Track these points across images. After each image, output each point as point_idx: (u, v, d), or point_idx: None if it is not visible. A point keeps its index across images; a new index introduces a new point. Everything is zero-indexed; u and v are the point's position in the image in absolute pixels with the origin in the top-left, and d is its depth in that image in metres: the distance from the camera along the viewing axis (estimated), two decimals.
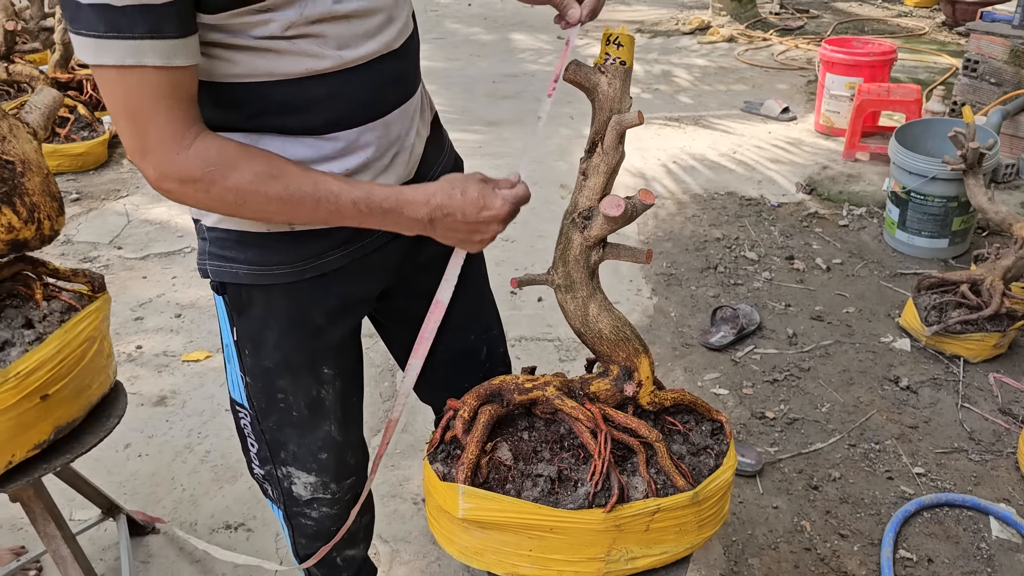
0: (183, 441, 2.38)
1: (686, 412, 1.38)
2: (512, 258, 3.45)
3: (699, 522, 1.25)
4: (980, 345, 2.69)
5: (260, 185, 1.03)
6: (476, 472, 1.19)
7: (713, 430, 1.36)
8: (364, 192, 1.09)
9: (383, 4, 1.13)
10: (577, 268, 1.27)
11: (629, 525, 1.17)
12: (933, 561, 2.01)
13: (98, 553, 2.01)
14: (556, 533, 1.15)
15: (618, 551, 1.18)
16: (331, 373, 1.32)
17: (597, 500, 1.16)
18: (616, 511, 1.15)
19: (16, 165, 1.37)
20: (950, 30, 6.99)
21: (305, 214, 1.08)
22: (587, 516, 1.15)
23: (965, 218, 3.33)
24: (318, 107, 1.10)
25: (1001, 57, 4.16)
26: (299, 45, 1.04)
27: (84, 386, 1.50)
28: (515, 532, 1.16)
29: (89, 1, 0.89)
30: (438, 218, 1.13)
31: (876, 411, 2.53)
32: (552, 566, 1.18)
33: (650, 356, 1.33)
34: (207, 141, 1.01)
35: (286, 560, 1.99)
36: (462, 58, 6.63)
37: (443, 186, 1.14)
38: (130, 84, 0.95)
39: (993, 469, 2.31)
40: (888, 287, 3.22)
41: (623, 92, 1.17)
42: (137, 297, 3.11)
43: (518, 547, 1.17)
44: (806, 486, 2.25)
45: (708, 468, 1.27)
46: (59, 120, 4.23)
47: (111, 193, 4.05)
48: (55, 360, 1.42)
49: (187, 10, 0.94)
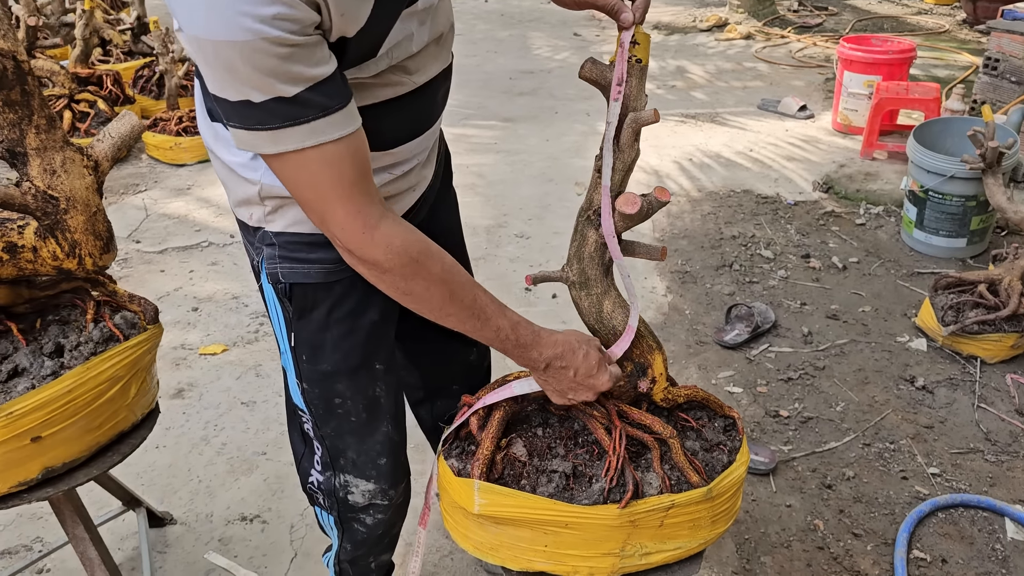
0: (200, 433, 2.40)
1: (699, 408, 1.39)
2: (527, 255, 3.46)
3: (712, 517, 1.25)
4: (997, 346, 2.68)
5: (430, 288, 1.08)
6: (491, 468, 1.20)
7: (726, 426, 1.36)
8: (510, 324, 1.16)
9: (442, 27, 1.20)
10: (592, 265, 1.27)
11: (643, 521, 1.18)
12: (947, 561, 2.00)
13: (116, 543, 2.03)
14: (571, 529, 1.16)
15: (632, 546, 1.19)
16: (382, 369, 1.35)
17: (612, 496, 1.17)
18: (631, 507, 1.16)
19: (60, 202, 1.32)
20: (971, 28, 6.92)
21: (455, 320, 1.13)
22: (602, 512, 1.15)
23: (984, 217, 3.30)
24: (389, 127, 1.15)
25: (1022, 55, 4.12)
26: (384, 78, 1.10)
27: (91, 428, 1.44)
28: (530, 528, 1.17)
29: (261, 99, 0.90)
30: (555, 366, 1.19)
31: (891, 411, 2.52)
32: (567, 561, 1.19)
33: (664, 353, 1.34)
34: (392, 229, 1.04)
35: (300, 552, 2.01)
36: (479, 54, 6.63)
37: (571, 342, 1.20)
38: (312, 164, 0.97)
39: (1009, 470, 2.29)
40: (905, 286, 3.20)
41: (639, 90, 1.17)
42: (155, 291, 3.14)
43: (533, 542, 1.18)
44: (820, 485, 2.24)
45: (721, 464, 1.28)
46: (79, 115, 4.27)
47: (130, 187, 4.08)
48: (60, 402, 1.36)
49: (342, 75, 0.98)
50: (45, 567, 1.97)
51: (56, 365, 1.41)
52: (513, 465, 1.22)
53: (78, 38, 4.48)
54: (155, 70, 4.90)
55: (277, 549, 2.02)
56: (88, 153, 1.37)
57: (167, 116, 4.37)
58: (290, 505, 2.15)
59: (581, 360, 1.19)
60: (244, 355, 2.76)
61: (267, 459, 2.31)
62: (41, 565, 1.97)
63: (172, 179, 4.19)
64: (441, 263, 1.09)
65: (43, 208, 1.32)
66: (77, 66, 4.51)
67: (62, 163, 1.31)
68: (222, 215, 3.78)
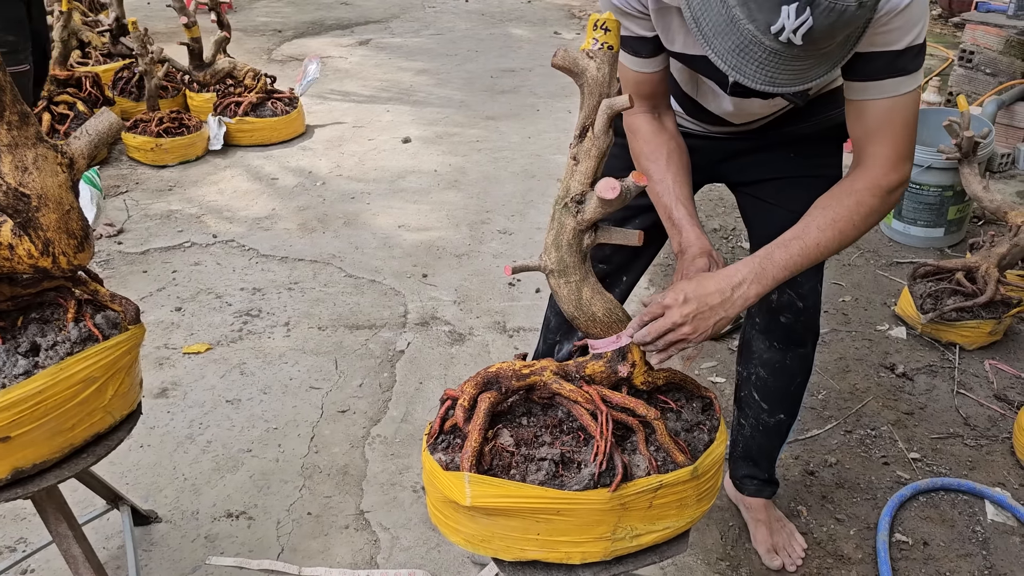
0: (184, 432, 2.40)
1: (676, 390, 1.41)
2: (510, 251, 3.47)
3: (698, 495, 1.27)
4: (975, 332, 2.71)
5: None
6: (480, 460, 1.21)
7: (703, 406, 1.38)
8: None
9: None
10: (570, 253, 1.28)
11: (633, 503, 1.19)
12: (929, 544, 2.03)
13: (101, 542, 2.02)
14: (563, 515, 1.16)
15: (623, 529, 1.20)
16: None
17: (602, 480, 1.18)
18: (621, 490, 1.17)
19: (32, 199, 1.30)
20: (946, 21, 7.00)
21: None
22: (593, 496, 1.16)
23: (961, 207, 3.35)
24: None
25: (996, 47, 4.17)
26: None
27: (64, 429, 1.41)
28: (522, 517, 1.17)
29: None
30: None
31: (872, 398, 2.55)
32: (559, 548, 1.20)
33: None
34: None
35: (287, 547, 2.01)
36: (460, 53, 6.64)
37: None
38: (916, 101, 1.34)
39: (988, 454, 2.32)
40: (884, 276, 3.24)
41: (611, 76, 1.18)
42: (138, 291, 3.13)
43: (525, 531, 1.18)
44: (803, 472, 2.27)
45: (703, 443, 1.30)
46: (59, 117, 4.25)
47: (111, 189, 4.06)
48: (31, 402, 1.33)
49: None
50: (29, 567, 1.96)
51: (30, 364, 1.38)
52: (501, 456, 1.23)
53: (56, 40, 4.44)
54: (135, 71, 4.87)
55: (264, 545, 2.02)
56: (63, 150, 1.35)
57: (148, 117, 4.35)
58: (276, 501, 2.15)
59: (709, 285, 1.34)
60: (228, 353, 2.76)
61: (252, 456, 2.31)
62: (25, 565, 1.96)
63: (154, 180, 4.18)
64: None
65: (14, 205, 1.31)
66: (56, 68, 4.47)
67: (34, 160, 1.30)
68: (205, 215, 3.78)
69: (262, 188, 4.10)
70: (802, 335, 1.80)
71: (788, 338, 1.78)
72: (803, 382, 1.88)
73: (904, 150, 1.35)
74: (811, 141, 1.67)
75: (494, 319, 2.97)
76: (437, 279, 3.25)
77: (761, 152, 1.71)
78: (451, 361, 2.74)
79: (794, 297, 1.73)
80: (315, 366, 2.70)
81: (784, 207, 1.65)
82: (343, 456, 2.31)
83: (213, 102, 4.67)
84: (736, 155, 1.73)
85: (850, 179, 1.39)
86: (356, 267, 3.33)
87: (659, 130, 1.55)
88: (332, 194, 3.99)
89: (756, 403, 1.90)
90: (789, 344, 1.80)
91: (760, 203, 1.75)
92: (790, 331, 1.76)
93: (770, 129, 1.68)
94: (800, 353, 1.82)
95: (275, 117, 4.58)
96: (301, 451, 2.33)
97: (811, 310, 1.75)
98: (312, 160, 4.44)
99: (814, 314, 1.78)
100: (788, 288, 1.70)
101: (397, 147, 4.62)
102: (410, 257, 3.42)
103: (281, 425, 2.43)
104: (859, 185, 1.37)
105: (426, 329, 2.91)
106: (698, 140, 1.70)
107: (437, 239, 3.56)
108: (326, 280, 3.23)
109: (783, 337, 1.78)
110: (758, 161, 1.72)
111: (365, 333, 2.89)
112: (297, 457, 2.31)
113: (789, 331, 1.76)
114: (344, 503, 2.15)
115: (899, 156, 1.35)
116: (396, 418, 2.46)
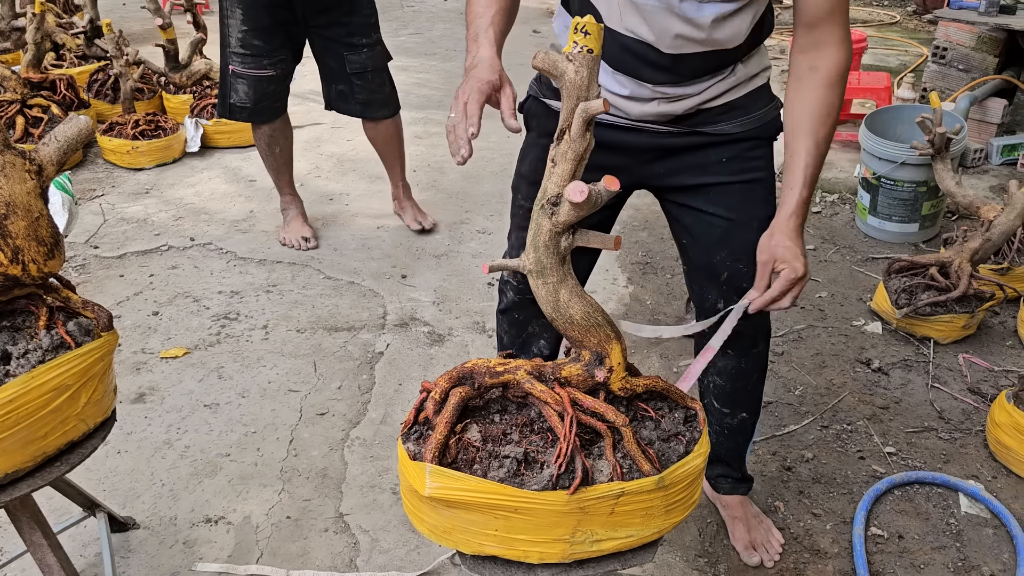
0: (162, 437, 2.38)
1: (660, 399, 1.39)
2: (488, 251, 3.47)
3: (666, 507, 1.25)
4: (949, 326, 2.74)
5: None
6: (445, 452, 1.21)
7: (687, 417, 1.36)
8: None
9: None
10: (547, 254, 1.28)
11: (594, 508, 1.19)
12: (904, 537, 2.06)
13: (78, 549, 2.01)
14: (521, 514, 1.17)
15: (583, 533, 1.20)
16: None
17: (561, 482, 1.18)
18: (580, 493, 1.17)
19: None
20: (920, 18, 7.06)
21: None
22: (551, 497, 1.16)
23: (935, 202, 3.38)
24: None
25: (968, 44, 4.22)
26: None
27: (36, 437, 1.39)
28: (481, 512, 1.17)
29: None
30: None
31: (848, 393, 2.57)
32: (517, 546, 1.20)
33: (622, 343, 1.33)
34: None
35: (266, 551, 2.01)
36: (439, 53, 6.63)
37: (473, 70, 1.50)
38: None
39: (962, 447, 2.35)
40: (860, 272, 3.27)
41: (590, 80, 1.18)
42: (114, 296, 3.11)
43: (484, 526, 1.19)
44: (780, 467, 2.28)
45: (677, 454, 1.28)
46: (33, 120, 4.21)
47: (87, 192, 4.03)
48: (1, 412, 1.31)
49: None
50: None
51: (1, 373, 1.37)
52: (467, 450, 1.23)
53: (29, 42, 4.39)
54: (110, 74, 4.83)
55: (242, 549, 2.02)
56: (31, 157, 1.34)
57: (123, 120, 4.31)
58: (255, 506, 2.14)
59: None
60: (206, 357, 2.75)
61: (231, 460, 2.30)
62: (1, 574, 1.95)
63: (130, 183, 4.14)
64: None
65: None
66: (29, 71, 4.43)
67: (1, 167, 1.29)
68: (182, 218, 3.75)
69: (240, 190, 4.08)
70: (754, 337, 1.82)
71: (741, 344, 1.78)
72: (760, 379, 1.91)
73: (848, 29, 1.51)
74: (743, 142, 1.65)
75: (473, 319, 2.97)
76: (416, 280, 3.25)
77: (693, 152, 1.67)
78: (430, 362, 2.74)
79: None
80: (294, 369, 2.69)
81: (721, 216, 1.67)
82: (322, 459, 2.31)
83: (190, 104, 4.64)
84: (667, 154, 1.67)
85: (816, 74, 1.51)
86: (335, 269, 3.32)
87: None
88: (310, 195, 3.98)
89: (717, 409, 1.93)
90: (743, 349, 1.81)
91: (694, 212, 1.71)
92: (742, 336, 1.72)
93: (703, 125, 1.64)
94: (754, 354, 1.84)
95: None
96: (280, 455, 2.32)
97: (761, 313, 1.71)
98: None
99: (765, 316, 1.80)
100: (737, 296, 1.67)
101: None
102: (389, 258, 3.41)
103: (259, 429, 2.42)
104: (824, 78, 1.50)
105: (405, 330, 2.91)
106: (628, 134, 1.65)
107: (416, 239, 3.56)
108: (304, 282, 3.22)
109: (736, 344, 1.74)
110: (690, 164, 1.67)
111: (344, 335, 2.88)
112: (276, 461, 2.30)
113: (741, 337, 1.71)
114: (323, 506, 2.15)
115: (847, 34, 1.50)
116: (375, 420, 2.46)
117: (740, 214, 1.66)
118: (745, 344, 1.81)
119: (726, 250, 1.69)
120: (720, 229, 1.68)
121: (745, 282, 1.63)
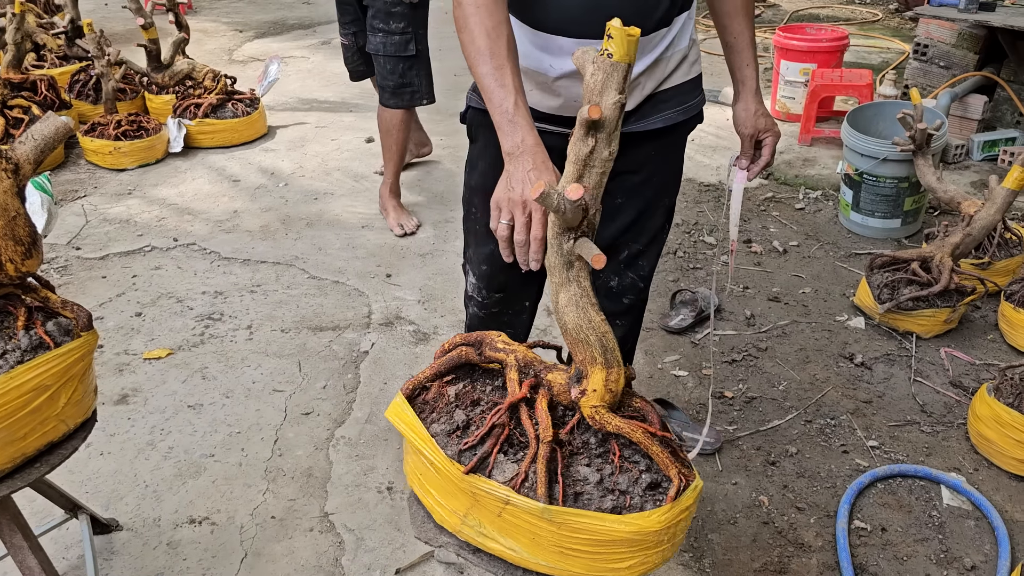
0: (145, 438, 2.37)
1: (640, 454, 1.24)
2: None
3: (559, 545, 1.17)
4: (931, 321, 2.76)
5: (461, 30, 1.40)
6: (420, 394, 1.33)
7: (651, 484, 1.20)
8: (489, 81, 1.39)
9: None
10: (552, 251, 1.27)
11: (484, 500, 1.20)
12: (887, 530, 2.07)
13: (61, 552, 2.00)
14: (433, 471, 1.25)
15: (473, 519, 1.23)
16: None
17: (462, 459, 1.23)
18: (471, 478, 1.20)
19: None
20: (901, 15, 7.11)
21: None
22: (450, 467, 1.22)
23: (916, 198, 3.40)
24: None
25: (949, 41, 4.25)
26: None
27: (15, 438, 1.38)
28: (414, 454, 1.29)
29: None
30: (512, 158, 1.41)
31: (832, 387, 2.59)
32: (431, 498, 1.29)
33: (609, 372, 1.23)
34: None
35: (250, 552, 2.00)
36: None
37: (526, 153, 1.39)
38: None
39: (944, 440, 2.37)
40: (843, 267, 3.29)
41: (604, 84, 1.15)
42: (97, 297, 3.09)
43: (416, 468, 1.30)
44: (764, 462, 2.30)
45: (597, 507, 1.16)
46: (13, 121, 4.17)
47: (69, 194, 4.00)
48: None
49: None
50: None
51: None
52: (438, 399, 1.32)
53: (9, 43, 4.36)
54: (91, 74, 4.80)
55: (227, 550, 2.01)
56: (7, 156, 1.33)
57: (105, 120, 4.28)
58: (239, 506, 2.14)
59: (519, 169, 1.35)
60: (190, 358, 2.73)
61: (215, 461, 2.29)
62: None
63: (112, 184, 4.12)
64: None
65: None
66: (9, 71, 4.40)
67: None
68: (165, 219, 3.73)
69: (223, 190, 4.06)
70: (639, 308, 1.98)
71: (629, 314, 1.95)
72: (637, 334, 2.09)
73: None
74: (668, 135, 1.71)
75: (459, 317, 2.97)
76: (401, 279, 3.24)
77: (626, 145, 1.61)
78: (416, 361, 2.73)
79: (636, 279, 1.87)
80: (278, 369, 2.68)
81: (632, 206, 1.76)
82: (307, 459, 2.30)
83: (172, 104, 4.61)
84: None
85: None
86: (319, 268, 3.32)
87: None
88: (295, 195, 3.97)
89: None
90: (629, 318, 1.98)
91: (606, 197, 1.66)
92: (631, 308, 1.93)
93: (637, 121, 1.64)
94: (633, 319, 2.00)
95: (236, 118, 4.54)
96: (264, 455, 2.31)
97: (647, 288, 1.92)
98: (274, 161, 4.41)
99: (648, 288, 1.94)
100: (631, 272, 1.84)
101: (360, 147, 4.60)
102: (374, 257, 3.41)
103: (244, 429, 2.41)
104: None
105: (390, 329, 2.91)
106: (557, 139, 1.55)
107: (401, 238, 3.55)
108: (289, 282, 3.21)
109: (625, 314, 1.94)
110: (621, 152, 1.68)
111: (329, 335, 2.87)
112: (260, 461, 2.29)
113: (630, 308, 1.93)
114: (308, 506, 2.14)
115: None
116: (360, 419, 2.46)
117: (649, 206, 1.81)
118: (633, 313, 1.97)
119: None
120: (624, 219, 1.82)
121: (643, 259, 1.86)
